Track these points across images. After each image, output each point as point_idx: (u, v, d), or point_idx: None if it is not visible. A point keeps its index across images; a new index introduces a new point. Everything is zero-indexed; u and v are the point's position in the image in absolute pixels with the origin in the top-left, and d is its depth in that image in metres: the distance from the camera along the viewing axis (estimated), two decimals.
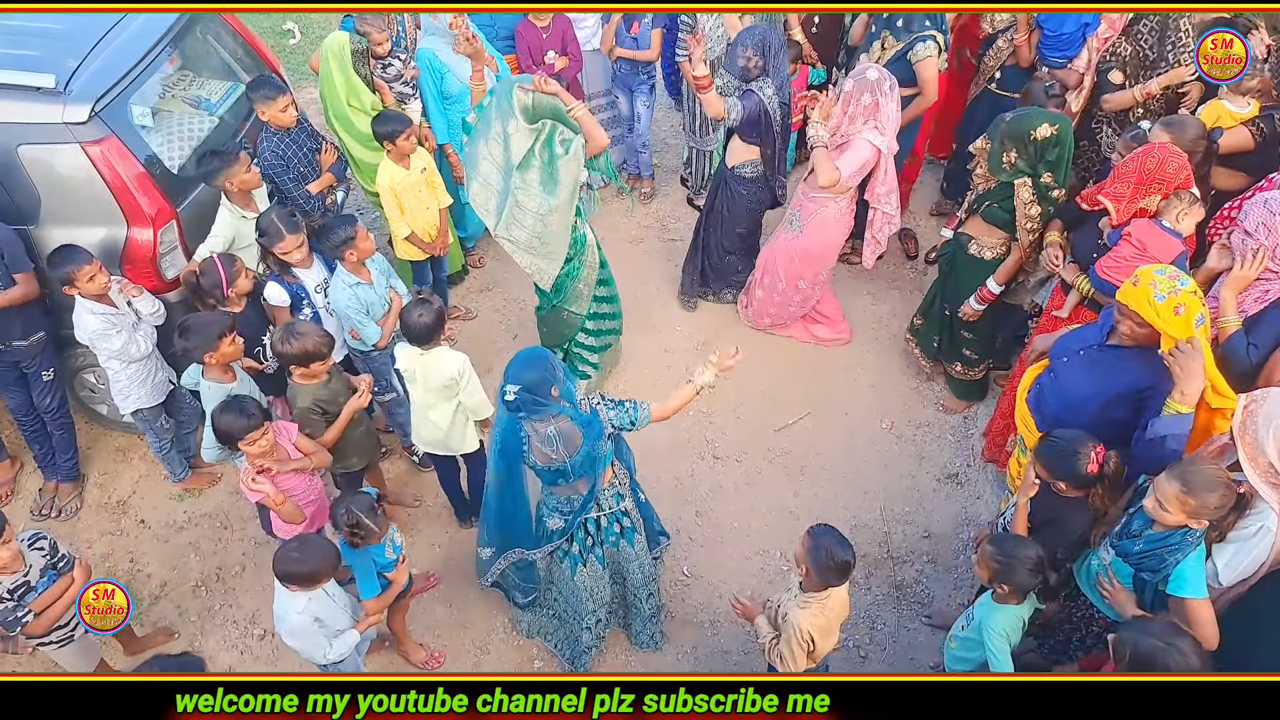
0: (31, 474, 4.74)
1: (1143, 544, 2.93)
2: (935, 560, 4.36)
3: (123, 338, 3.94)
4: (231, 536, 4.50)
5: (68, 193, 3.97)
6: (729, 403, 5.07)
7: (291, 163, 4.54)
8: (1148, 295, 3.05)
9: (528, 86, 4.00)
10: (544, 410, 3.05)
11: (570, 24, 5.63)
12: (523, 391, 2.99)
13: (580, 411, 3.14)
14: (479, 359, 4.74)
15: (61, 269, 3.77)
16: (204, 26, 4.70)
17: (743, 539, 4.46)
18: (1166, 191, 3.59)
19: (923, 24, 4.88)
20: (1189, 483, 2.74)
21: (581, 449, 3.13)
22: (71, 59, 3.99)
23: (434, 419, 3.88)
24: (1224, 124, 4.15)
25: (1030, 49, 5.03)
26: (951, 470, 4.75)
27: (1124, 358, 3.26)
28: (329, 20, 8.22)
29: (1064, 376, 3.42)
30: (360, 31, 4.78)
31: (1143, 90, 4.62)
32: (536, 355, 3.14)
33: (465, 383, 3.77)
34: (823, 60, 6.12)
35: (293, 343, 3.59)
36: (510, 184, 4.08)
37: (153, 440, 4.43)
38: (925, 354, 5.05)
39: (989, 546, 3.05)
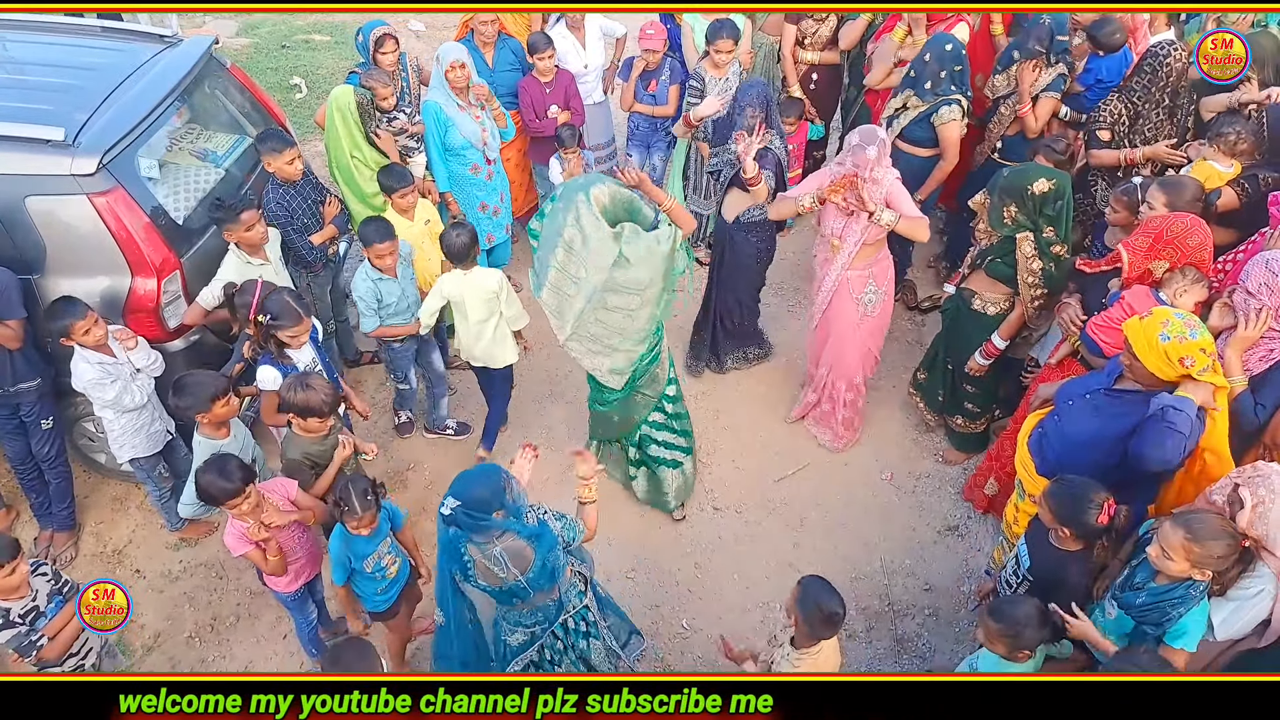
0: (27, 523, 4.72)
1: (1145, 596, 2.90)
2: (936, 613, 4.31)
3: (117, 388, 3.94)
4: (226, 587, 4.46)
5: (73, 243, 4.01)
6: (728, 453, 5.07)
7: (296, 214, 4.60)
8: (1152, 331, 3.03)
9: (603, 186, 3.73)
10: (486, 528, 2.85)
11: (573, 79, 5.75)
12: (460, 509, 2.80)
13: (526, 525, 2.94)
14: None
15: (58, 321, 3.78)
16: (212, 81, 4.79)
17: (743, 591, 4.42)
18: (1177, 262, 3.59)
19: (948, 88, 4.90)
20: (1194, 530, 2.73)
21: (534, 564, 2.95)
22: (81, 112, 4.06)
23: (481, 332, 4.45)
24: (1211, 185, 4.19)
25: (1036, 119, 5.01)
26: (952, 522, 4.72)
27: (1129, 402, 3.23)
28: (335, 75, 8.39)
29: (1068, 420, 3.41)
30: (366, 86, 4.88)
31: (1127, 155, 4.67)
32: (488, 471, 2.95)
33: (505, 295, 4.44)
34: (821, 116, 6.23)
35: (298, 393, 3.59)
36: (589, 293, 3.76)
37: (151, 489, 4.42)
38: (930, 408, 5.06)
39: (991, 623, 2.98)
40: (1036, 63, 4.91)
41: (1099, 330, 3.66)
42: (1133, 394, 3.25)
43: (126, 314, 4.12)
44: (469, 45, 5.60)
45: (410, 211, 4.67)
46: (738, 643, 3.56)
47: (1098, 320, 3.70)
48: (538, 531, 2.95)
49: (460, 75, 5.08)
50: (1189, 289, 3.57)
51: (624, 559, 4.53)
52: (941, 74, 4.87)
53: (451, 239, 4.32)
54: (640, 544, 4.61)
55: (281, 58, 8.80)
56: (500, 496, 2.85)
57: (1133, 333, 3.12)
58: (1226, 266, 3.95)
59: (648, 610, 4.33)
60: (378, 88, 4.92)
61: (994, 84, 5.18)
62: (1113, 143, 4.76)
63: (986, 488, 4.52)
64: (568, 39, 5.86)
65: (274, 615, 4.31)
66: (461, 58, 5.09)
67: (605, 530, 4.61)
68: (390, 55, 5.20)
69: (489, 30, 5.59)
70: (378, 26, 5.20)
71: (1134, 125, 4.72)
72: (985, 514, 4.68)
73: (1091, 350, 3.75)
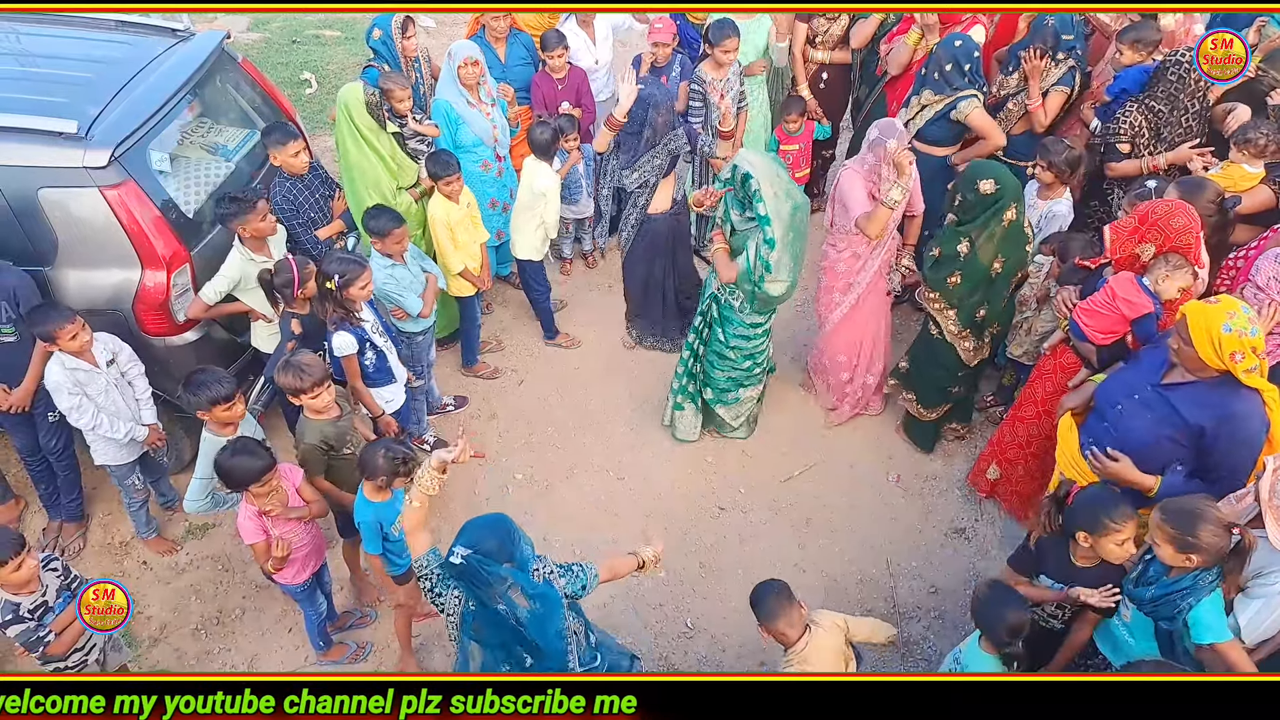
0: (36, 513, 4.74)
1: (1155, 590, 2.88)
2: (942, 616, 4.30)
3: (73, 401, 3.87)
4: (233, 580, 4.48)
5: (85, 235, 4.02)
6: (734, 454, 5.06)
7: (302, 208, 4.61)
8: (1216, 319, 2.97)
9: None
10: (494, 578, 2.66)
11: (585, 76, 5.77)
12: (474, 555, 2.64)
13: (534, 581, 2.79)
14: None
15: (43, 326, 3.75)
16: (223, 76, 4.81)
17: (747, 591, 4.38)
18: (1163, 245, 3.57)
19: (963, 82, 4.88)
20: (1167, 511, 2.75)
21: (543, 629, 2.76)
22: (94, 106, 4.07)
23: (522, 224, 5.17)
24: (1241, 186, 4.16)
25: (1046, 114, 4.98)
26: (959, 525, 4.71)
27: (1179, 398, 3.18)
28: (345, 71, 8.40)
29: (1123, 425, 3.32)
30: (383, 88, 4.85)
31: (1150, 162, 4.60)
32: (498, 521, 2.82)
33: (550, 199, 5.07)
34: (829, 117, 6.21)
35: (291, 373, 3.61)
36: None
37: (123, 495, 4.40)
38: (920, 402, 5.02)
39: (983, 589, 3.07)
40: (1043, 53, 4.90)
41: (1083, 314, 3.67)
42: (1186, 387, 3.17)
43: (136, 306, 4.13)
44: (480, 41, 5.61)
45: (456, 195, 4.74)
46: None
47: (1084, 304, 3.71)
48: (543, 591, 2.80)
49: (472, 72, 5.10)
50: (1171, 274, 3.57)
51: None
52: (951, 68, 4.85)
53: (536, 135, 4.97)
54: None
55: (292, 53, 8.81)
56: (509, 547, 2.74)
57: (1194, 316, 3.03)
58: (1238, 263, 3.95)
59: (652, 609, 4.33)
60: (395, 89, 4.90)
61: (1003, 82, 5.17)
62: (1133, 154, 4.69)
63: (989, 473, 4.57)
64: (579, 35, 5.87)
65: (279, 609, 4.33)
66: (475, 55, 5.11)
67: (608, 530, 4.64)
68: (413, 39, 5.26)
69: (501, 25, 5.59)
70: (395, 15, 5.22)
71: (1158, 135, 4.64)
72: (989, 498, 4.69)
73: (1076, 335, 3.75)
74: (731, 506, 4.80)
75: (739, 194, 4.28)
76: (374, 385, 4.22)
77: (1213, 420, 3.09)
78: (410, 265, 4.52)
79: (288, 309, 4.14)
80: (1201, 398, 3.12)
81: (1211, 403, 3.09)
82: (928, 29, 5.26)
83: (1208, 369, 3.07)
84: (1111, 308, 3.58)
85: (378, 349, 4.15)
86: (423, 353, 4.81)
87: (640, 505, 4.77)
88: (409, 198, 4.96)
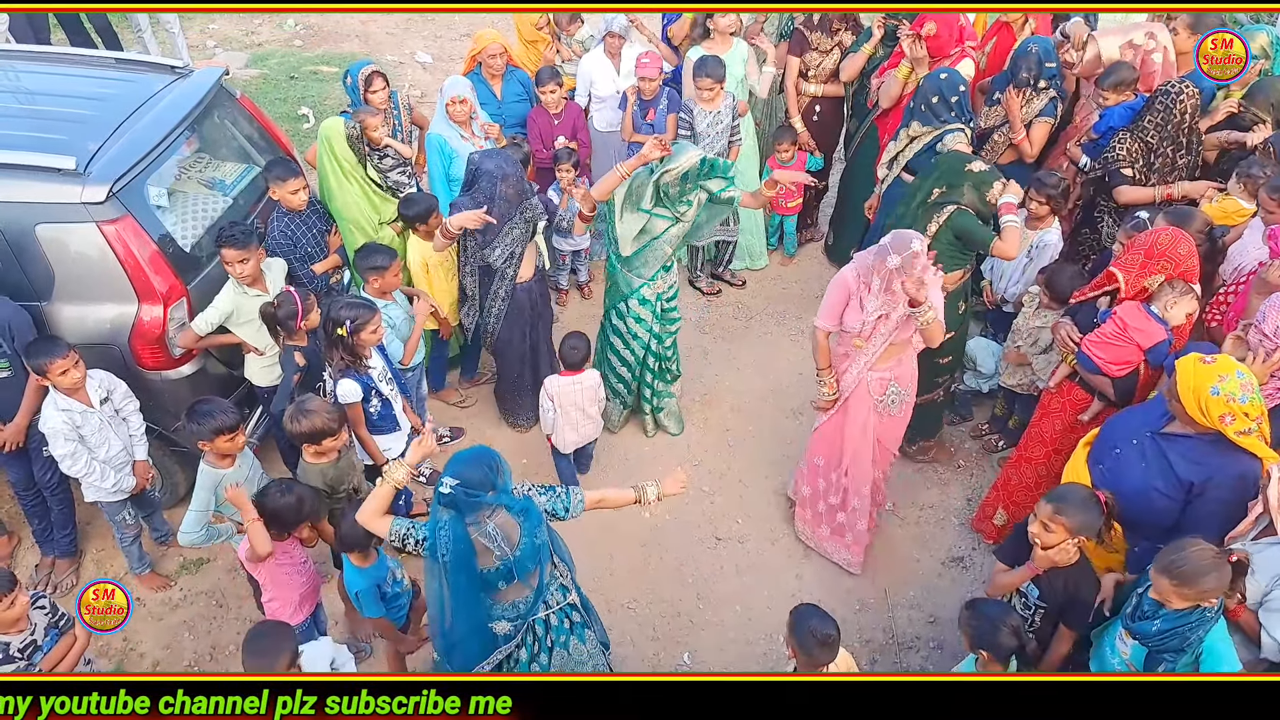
0: (29, 549, 4.71)
1: (1161, 623, 2.85)
2: (942, 646, 4.28)
3: (68, 448, 3.85)
4: (226, 615, 4.44)
5: (81, 271, 4.03)
6: (731, 482, 5.05)
7: (299, 243, 4.64)
8: (1204, 381, 2.97)
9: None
10: (479, 505, 2.94)
11: (581, 112, 5.83)
12: (459, 487, 2.89)
13: (515, 498, 3.04)
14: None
15: (36, 359, 3.74)
16: (221, 112, 4.85)
17: (745, 623, 4.39)
18: (1172, 272, 3.62)
19: (949, 116, 4.85)
20: (1176, 574, 2.72)
21: (522, 540, 3.04)
22: (93, 142, 4.10)
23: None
24: (1233, 220, 4.19)
25: (1032, 145, 5.03)
26: (957, 554, 4.70)
27: (1175, 450, 3.18)
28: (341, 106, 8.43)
29: (1117, 472, 3.31)
30: (357, 120, 4.92)
31: (1164, 191, 4.61)
32: (481, 454, 3.05)
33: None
34: (823, 149, 6.27)
35: (302, 420, 3.59)
36: None
37: (115, 531, 4.36)
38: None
39: (965, 611, 3.08)
40: (1021, 91, 4.97)
41: (1094, 346, 3.69)
42: (1182, 439, 3.16)
43: (133, 341, 4.14)
44: (477, 78, 5.68)
45: (432, 236, 4.73)
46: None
47: (1092, 337, 3.72)
48: (524, 505, 3.05)
49: (461, 109, 5.17)
50: (1178, 300, 3.62)
51: (624, 589, 4.51)
52: (937, 101, 4.83)
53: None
54: (641, 574, 4.59)
55: (290, 88, 8.89)
56: (493, 477, 2.95)
57: (1183, 373, 3.05)
58: (1229, 298, 3.97)
59: (648, 641, 4.30)
60: (367, 118, 4.96)
61: (988, 114, 5.23)
62: (1134, 179, 4.71)
63: (995, 518, 4.51)
64: (605, 63, 5.88)
65: None
66: (463, 92, 5.18)
67: (604, 559, 4.62)
68: (380, 93, 5.19)
69: (497, 63, 5.66)
70: (365, 66, 5.23)
71: (1150, 165, 4.70)
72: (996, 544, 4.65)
73: (1087, 368, 3.76)
74: (728, 537, 4.78)
75: (688, 183, 4.45)
76: (377, 433, 4.19)
77: (1202, 479, 3.10)
78: (400, 301, 4.52)
79: (288, 342, 4.14)
80: (1194, 453, 3.13)
81: (1203, 460, 3.10)
82: (917, 63, 5.32)
83: (1200, 425, 3.08)
84: (1123, 338, 3.60)
85: (383, 397, 4.12)
86: (412, 389, 4.75)
87: (636, 535, 4.76)
88: (390, 231, 4.99)
